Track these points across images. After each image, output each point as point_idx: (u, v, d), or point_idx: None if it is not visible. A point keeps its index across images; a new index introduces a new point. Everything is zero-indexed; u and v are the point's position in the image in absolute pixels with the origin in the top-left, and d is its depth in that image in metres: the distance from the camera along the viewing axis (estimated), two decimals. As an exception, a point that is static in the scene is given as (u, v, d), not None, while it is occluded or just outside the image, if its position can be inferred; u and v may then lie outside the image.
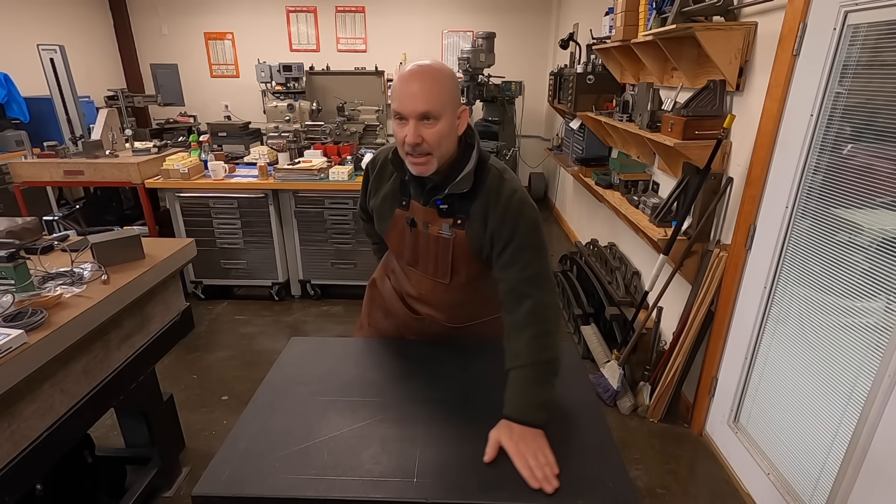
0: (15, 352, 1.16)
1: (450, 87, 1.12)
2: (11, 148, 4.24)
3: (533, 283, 1.17)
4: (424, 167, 1.15)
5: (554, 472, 0.98)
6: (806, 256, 1.73)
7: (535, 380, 1.12)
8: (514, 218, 1.17)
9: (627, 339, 2.60)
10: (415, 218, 1.27)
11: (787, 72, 1.77)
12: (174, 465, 2.09)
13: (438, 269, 1.29)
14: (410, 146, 1.11)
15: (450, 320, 1.40)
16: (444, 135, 1.12)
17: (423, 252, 1.29)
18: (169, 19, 6.23)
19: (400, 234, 1.32)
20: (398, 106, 1.10)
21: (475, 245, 1.22)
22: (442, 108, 1.10)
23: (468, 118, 1.20)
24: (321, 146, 3.85)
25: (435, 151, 1.13)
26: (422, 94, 1.08)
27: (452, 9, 6.21)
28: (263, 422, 1.13)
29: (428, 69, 1.10)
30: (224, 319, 3.46)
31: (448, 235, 1.23)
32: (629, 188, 3.08)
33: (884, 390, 1.37)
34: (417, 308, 1.43)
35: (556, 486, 0.96)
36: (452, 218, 1.22)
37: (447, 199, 1.21)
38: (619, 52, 3.04)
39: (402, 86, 1.10)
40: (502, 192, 1.19)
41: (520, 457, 1.01)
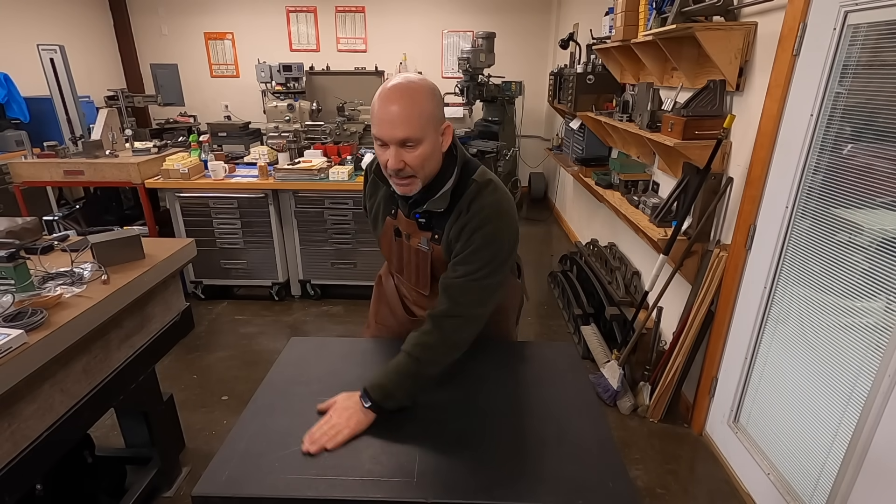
0: (15, 352, 1.16)
1: (429, 107, 1.08)
2: (11, 148, 4.24)
3: (454, 293, 1.16)
4: (409, 188, 1.15)
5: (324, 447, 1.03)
6: (806, 256, 1.73)
7: (404, 371, 1.13)
8: (470, 233, 1.15)
9: (627, 339, 2.60)
10: (399, 228, 1.29)
11: (787, 72, 1.77)
12: (174, 465, 2.09)
13: (419, 281, 1.32)
14: (393, 171, 1.10)
15: None
16: (427, 157, 1.11)
17: (406, 262, 1.33)
18: (169, 19, 6.23)
19: (389, 242, 1.35)
20: (377, 131, 1.08)
21: (448, 257, 1.21)
22: (422, 132, 1.07)
23: (451, 134, 1.17)
24: (321, 146, 3.85)
25: (419, 173, 1.12)
26: (400, 119, 1.05)
27: (452, 9, 6.21)
28: (263, 422, 1.13)
29: (406, 91, 1.06)
30: (224, 319, 3.46)
31: (426, 249, 1.24)
32: (629, 188, 3.08)
33: (884, 390, 1.37)
34: (414, 310, 1.45)
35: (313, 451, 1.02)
36: (430, 232, 1.22)
37: (425, 214, 1.21)
38: (619, 52, 3.04)
39: (381, 110, 1.06)
40: (472, 207, 1.16)
41: (325, 419, 1.08)
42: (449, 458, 1.03)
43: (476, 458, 1.03)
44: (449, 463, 1.02)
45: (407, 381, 1.13)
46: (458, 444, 1.07)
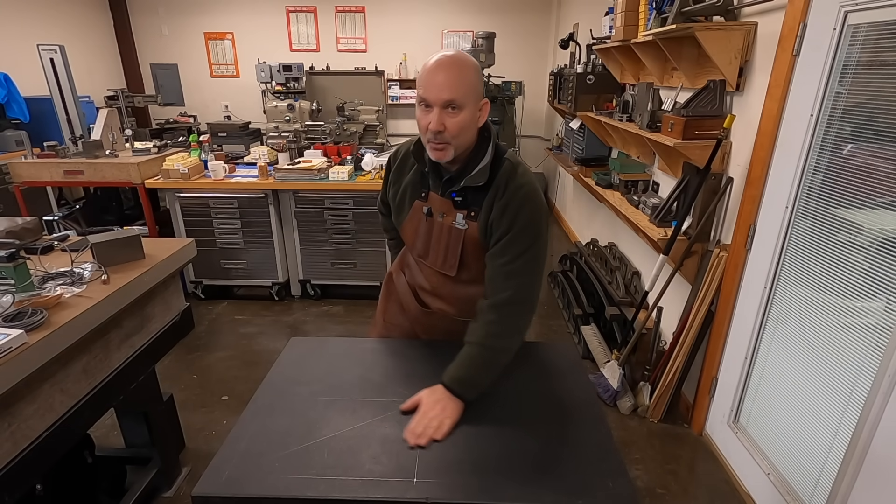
0: (15, 352, 1.16)
1: (474, 78, 1.16)
2: (11, 148, 4.24)
3: (514, 279, 1.20)
4: (443, 153, 1.18)
5: (432, 437, 1.06)
6: (806, 256, 1.73)
7: (478, 361, 1.19)
8: (515, 211, 1.19)
9: (627, 339, 2.60)
10: (432, 208, 1.30)
11: (787, 72, 1.77)
12: (174, 465, 2.09)
13: (447, 262, 1.31)
14: (433, 133, 1.15)
15: (460, 314, 1.40)
16: (466, 125, 1.16)
17: (435, 243, 1.32)
18: (169, 19, 6.23)
19: (415, 226, 1.34)
20: (424, 93, 1.14)
21: (482, 237, 1.25)
22: (465, 99, 1.13)
23: (488, 111, 1.23)
24: (321, 146, 3.85)
25: (454, 140, 1.16)
26: (448, 83, 1.11)
27: (452, 9, 6.21)
28: (263, 422, 1.13)
29: (455, 59, 1.14)
30: (224, 319, 3.46)
31: (461, 226, 1.26)
32: (629, 188, 3.08)
33: (884, 390, 1.37)
34: (429, 302, 1.45)
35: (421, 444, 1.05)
36: (466, 210, 1.25)
37: (462, 192, 1.24)
38: (619, 52, 3.04)
39: (429, 74, 1.13)
40: (509, 186, 1.21)
41: (422, 414, 1.11)
42: (449, 458, 1.03)
43: (476, 458, 1.03)
44: (449, 463, 1.02)
45: (483, 372, 1.19)
46: (458, 444, 1.07)
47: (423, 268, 1.40)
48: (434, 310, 1.44)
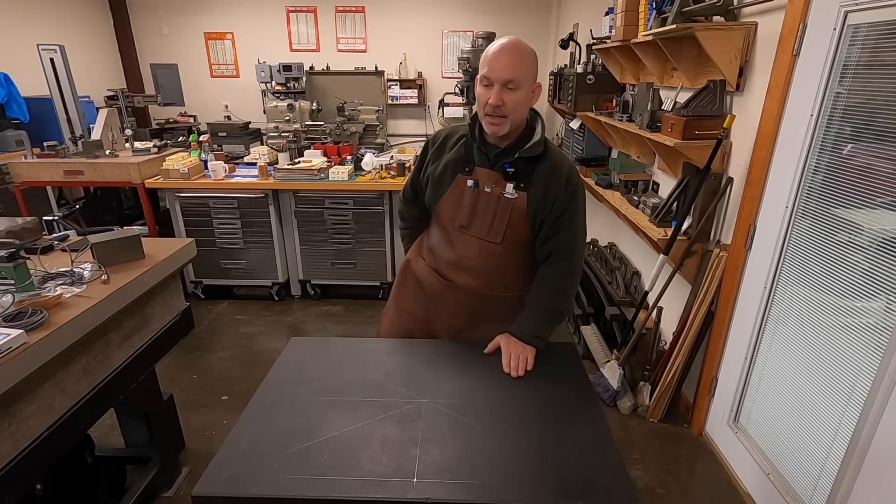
0: (15, 352, 1.16)
1: (531, 63, 1.30)
2: (11, 148, 4.24)
3: (571, 249, 1.42)
4: (499, 127, 1.31)
5: (527, 368, 1.33)
6: (806, 256, 1.73)
7: (544, 319, 1.43)
8: (574, 189, 1.38)
9: (627, 339, 2.60)
10: (479, 181, 1.40)
11: (787, 72, 1.77)
12: (174, 465, 2.09)
13: (493, 229, 1.41)
14: (492, 107, 1.28)
15: (487, 287, 1.47)
16: (521, 102, 1.30)
17: (481, 213, 1.41)
18: (169, 19, 6.23)
19: (458, 198, 1.43)
20: (488, 72, 1.28)
21: (533, 207, 1.37)
22: (523, 79, 1.27)
23: (540, 93, 1.35)
24: (321, 146, 3.85)
25: (510, 115, 1.29)
26: (509, 64, 1.26)
27: (452, 9, 6.21)
28: (263, 422, 1.13)
29: (516, 44, 1.28)
30: (224, 319, 3.46)
31: (511, 195, 1.37)
32: (629, 188, 3.08)
33: (884, 390, 1.37)
34: (454, 278, 1.50)
35: (522, 374, 1.31)
36: (517, 181, 1.37)
37: (515, 164, 1.36)
38: (619, 52, 3.04)
39: (493, 56, 1.27)
40: (565, 165, 1.39)
41: (507, 354, 1.36)
42: (449, 458, 1.03)
43: (476, 458, 1.03)
44: (449, 463, 1.02)
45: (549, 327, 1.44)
46: (459, 445, 1.07)
47: (460, 239, 1.46)
48: (460, 284, 1.49)
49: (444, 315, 1.55)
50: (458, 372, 1.34)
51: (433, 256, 1.55)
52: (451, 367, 1.36)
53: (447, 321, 1.54)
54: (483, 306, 1.50)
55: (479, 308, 1.50)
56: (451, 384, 1.28)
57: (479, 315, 1.51)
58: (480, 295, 1.48)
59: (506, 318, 1.48)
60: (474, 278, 1.47)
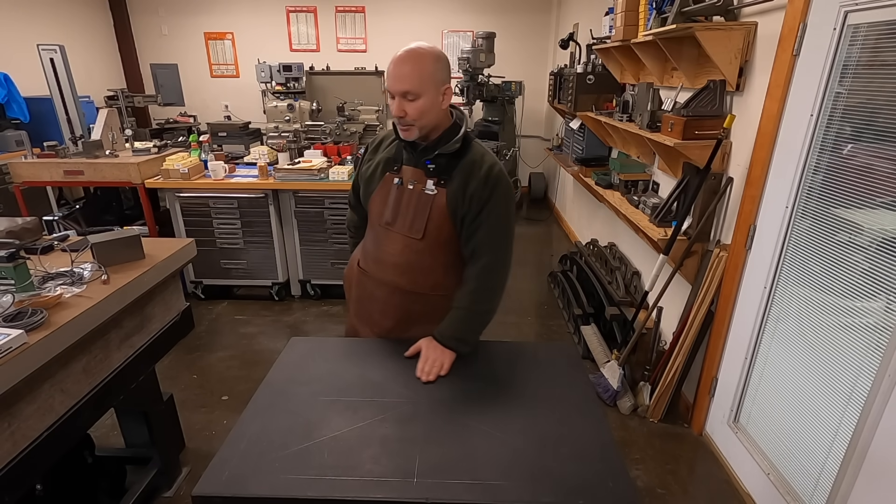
0: (15, 352, 1.16)
1: (431, 69, 1.30)
2: (11, 148, 4.24)
3: (490, 245, 1.41)
4: (408, 133, 1.37)
5: (437, 374, 1.31)
6: (806, 256, 1.73)
7: (467, 321, 1.42)
8: (493, 185, 1.38)
9: (627, 339, 2.60)
10: (403, 178, 1.44)
11: (787, 72, 1.77)
12: (174, 465, 2.09)
13: (414, 225, 1.42)
14: (396, 118, 1.34)
15: (412, 285, 1.48)
16: (425, 110, 1.32)
17: (404, 209, 1.44)
18: (169, 19, 6.23)
19: (385, 195, 1.47)
20: (387, 85, 1.33)
21: (452, 203, 1.38)
22: (421, 88, 1.29)
23: (452, 95, 1.38)
24: (321, 146, 3.85)
25: (416, 122, 1.33)
26: (404, 75, 1.28)
27: (452, 9, 6.21)
28: (263, 422, 1.13)
29: (412, 53, 1.30)
30: (224, 319, 3.46)
31: (431, 192, 1.40)
32: (629, 188, 3.08)
33: (884, 390, 1.37)
34: (381, 276, 1.52)
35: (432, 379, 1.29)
36: (437, 177, 1.40)
37: (435, 160, 1.40)
38: (619, 52, 3.04)
39: (391, 67, 1.31)
40: (485, 162, 1.40)
41: (424, 358, 1.35)
42: (449, 458, 1.03)
43: (476, 458, 1.03)
44: (449, 463, 1.02)
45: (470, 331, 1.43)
46: (459, 445, 1.07)
47: (386, 236, 1.48)
48: (387, 282, 1.51)
49: (374, 314, 1.56)
50: (458, 372, 1.34)
51: (364, 257, 1.58)
52: (451, 367, 1.36)
53: (378, 320, 1.55)
54: (411, 305, 1.50)
55: (407, 307, 1.50)
56: (452, 384, 1.28)
57: (409, 314, 1.51)
58: (406, 293, 1.48)
59: (437, 318, 1.46)
60: (399, 275, 1.48)
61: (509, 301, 3.78)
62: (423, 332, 1.44)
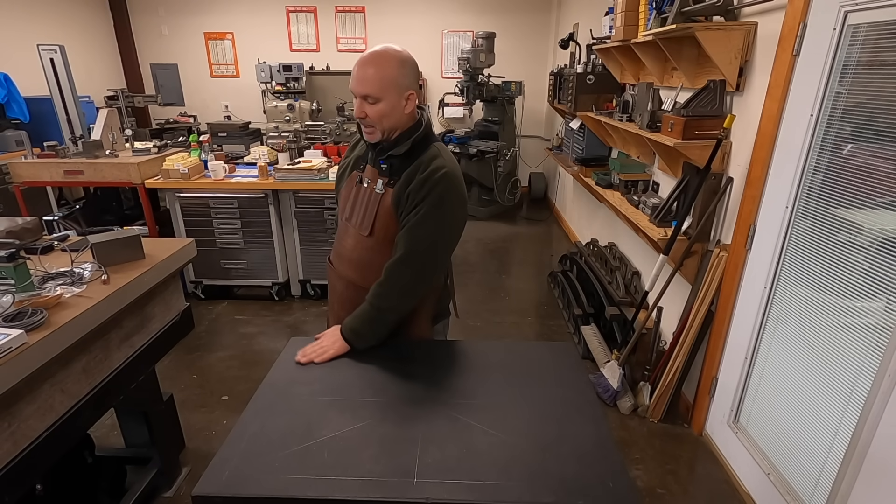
0: (15, 352, 1.16)
1: (393, 74, 1.30)
2: (11, 148, 4.24)
3: (411, 242, 1.37)
4: (370, 135, 1.39)
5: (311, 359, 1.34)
6: (806, 256, 1.73)
7: (366, 314, 1.41)
8: (431, 186, 1.34)
9: (627, 339, 2.60)
10: (363, 177, 1.48)
11: (787, 72, 1.77)
12: (174, 465, 2.09)
13: (363, 222, 1.45)
14: (357, 119, 1.36)
15: (363, 280, 1.48)
16: (385, 114, 1.33)
17: (359, 206, 1.47)
18: (169, 19, 6.23)
19: (347, 192, 1.52)
20: (350, 85, 1.33)
21: (395, 202, 1.39)
22: (382, 92, 1.30)
23: (415, 101, 1.38)
24: (321, 146, 3.85)
25: (377, 125, 1.35)
26: (366, 78, 1.29)
27: (452, 9, 6.21)
28: (263, 422, 1.13)
29: (377, 57, 1.30)
30: (224, 319, 3.46)
31: (379, 191, 1.42)
32: (629, 188, 3.08)
33: (884, 390, 1.37)
34: (340, 269, 1.56)
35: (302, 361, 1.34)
36: (388, 177, 1.42)
37: (388, 160, 1.41)
38: (619, 52, 3.04)
39: (355, 68, 1.31)
40: (431, 164, 1.37)
41: (317, 342, 1.40)
42: (449, 458, 1.03)
43: (476, 458, 1.03)
44: (449, 463, 1.02)
45: (368, 326, 1.40)
46: (458, 445, 1.07)
47: (346, 231, 1.53)
48: (342, 275, 1.54)
49: (335, 305, 1.60)
50: (457, 372, 1.34)
51: (333, 250, 1.63)
52: (450, 367, 1.36)
53: (337, 311, 1.57)
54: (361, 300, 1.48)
55: (357, 301, 1.48)
56: (451, 384, 1.28)
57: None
58: (358, 288, 1.49)
59: None
60: (352, 270, 1.51)
61: (509, 301, 3.78)
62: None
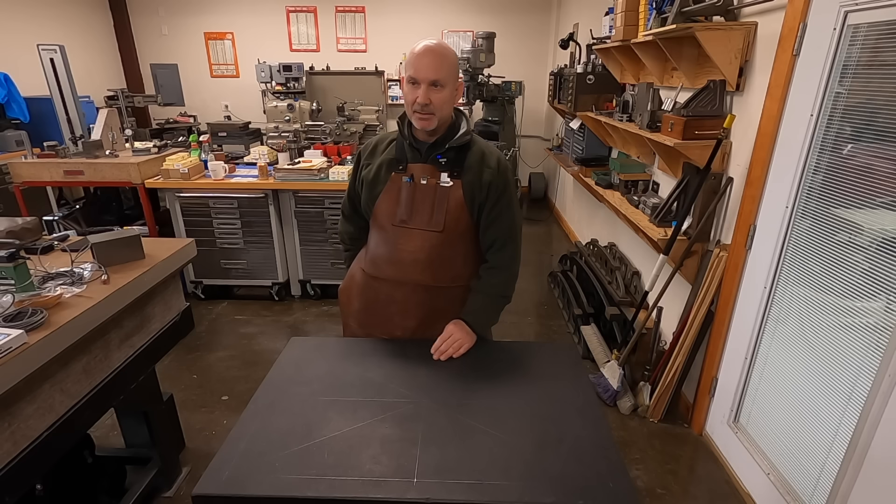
0: (15, 352, 1.16)
1: (454, 63, 1.39)
2: (11, 148, 4.25)
3: (512, 236, 1.50)
4: (428, 122, 1.39)
5: (451, 354, 1.39)
6: (806, 256, 1.73)
7: (497, 306, 1.54)
8: (505, 175, 1.46)
9: (627, 339, 2.60)
10: (413, 175, 1.45)
11: (787, 72, 1.77)
12: (174, 465, 2.09)
13: (433, 219, 1.45)
14: (420, 105, 1.35)
15: (434, 279, 1.50)
16: (447, 100, 1.38)
17: (420, 205, 1.45)
18: (169, 19, 6.23)
19: (395, 195, 1.47)
20: (413, 72, 1.35)
21: (469, 192, 1.43)
22: (447, 79, 1.35)
23: (463, 90, 1.48)
24: (321, 146, 3.85)
25: (438, 112, 1.37)
26: (433, 65, 1.33)
27: (452, 9, 6.21)
28: (263, 422, 1.13)
29: (440, 46, 1.36)
30: (224, 319, 3.46)
31: (447, 184, 1.44)
32: (629, 188, 3.08)
33: (884, 390, 1.37)
34: (400, 276, 1.52)
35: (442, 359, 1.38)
36: (450, 170, 1.44)
37: (446, 154, 1.43)
38: (619, 52, 3.04)
39: (417, 58, 1.34)
40: (493, 152, 1.48)
41: (446, 335, 1.42)
42: (449, 458, 1.03)
43: (476, 458, 1.03)
44: (449, 463, 1.02)
45: (496, 314, 1.55)
46: (459, 445, 1.07)
47: (404, 234, 1.48)
48: (407, 281, 1.51)
49: (395, 318, 1.54)
50: (458, 372, 1.34)
51: (374, 262, 1.56)
52: (451, 367, 1.36)
53: (400, 323, 1.54)
54: (434, 301, 1.51)
55: (430, 303, 1.51)
56: (451, 384, 1.28)
57: (432, 310, 1.51)
58: (429, 288, 1.49)
59: (458, 311, 1.50)
60: (421, 272, 1.48)
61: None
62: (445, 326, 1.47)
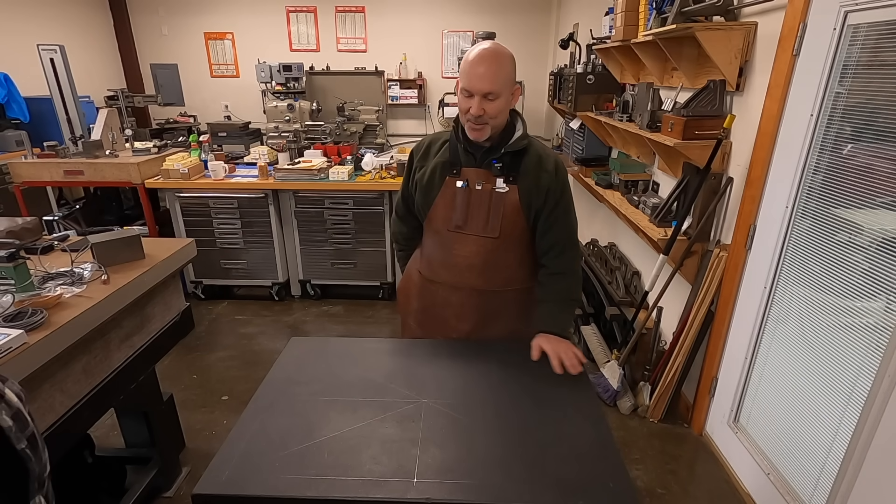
0: (15, 352, 1.16)
1: (510, 70, 1.33)
2: (11, 148, 4.24)
3: (571, 240, 1.49)
4: (481, 133, 1.36)
5: (580, 360, 1.33)
6: (806, 256, 1.73)
7: (570, 311, 1.51)
8: (564, 178, 1.45)
9: (627, 339, 2.60)
10: (468, 180, 1.42)
11: (787, 72, 1.77)
12: (174, 465, 2.09)
13: (489, 224, 1.42)
14: (474, 117, 1.32)
15: (489, 284, 1.49)
16: (501, 109, 1.34)
17: (475, 210, 1.43)
18: (169, 19, 6.23)
19: (450, 200, 1.45)
20: (467, 84, 1.31)
21: (525, 198, 1.40)
22: (502, 89, 1.31)
23: (518, 95, 1.40)
24: (321, 146, 3.85)
25: (492, 122, 1.34)
26: (487, 76, 1.28)
27: (452, 9, 6.20)
28: (263, 422, 1.13)
29: (494, 54, 1.30)
30: (224, 319, 3.46)
31: (503, 189, 1.41)
32: (629, 188, 3.08)
33: (884, 390, 1.37)
34: (455, 281, 1.51)
35: (580, 369, 1.31)
36: (506, 175, 1.40)
37: (502, 159, 1.40)
38: (619, 52, 3.04)
39: (471, 67, 1.30)
40: (550, 155, 1.45)
41: (554, 354, 1.35)
42: (449, 458, 1.03)
43: (476, 458, 1.03)
44: (449, 463, 1.02)
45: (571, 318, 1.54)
46: (459, 445, 1.07)
47: (457, 240, 1.46)
48: (461, 286, 1.50)
49: (451, 321, 1.54)
50: (458, 372, 1.34)
51: (429, 265, 1.55)
52: (451, 367, 1.36)
53: (455, 326, 1.54)
54: (488, 304, 1.51)
55: (484, 307, 1.51)
56: (452, 384, 1.28)
57: (486, 314, 1.51)
58: (483, 293, 1.49)
59: (512, 313, 1.50)
60: (476, 277, 1.48)
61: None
62: (499, 329, 1.49)
